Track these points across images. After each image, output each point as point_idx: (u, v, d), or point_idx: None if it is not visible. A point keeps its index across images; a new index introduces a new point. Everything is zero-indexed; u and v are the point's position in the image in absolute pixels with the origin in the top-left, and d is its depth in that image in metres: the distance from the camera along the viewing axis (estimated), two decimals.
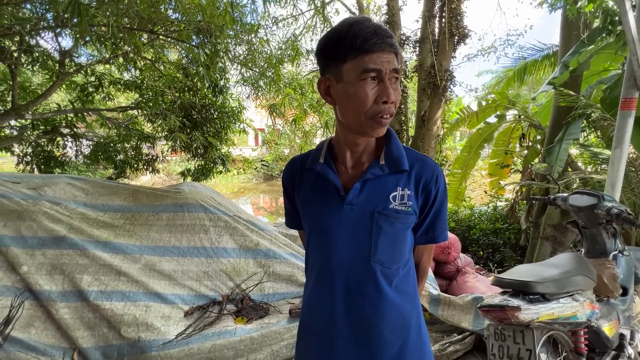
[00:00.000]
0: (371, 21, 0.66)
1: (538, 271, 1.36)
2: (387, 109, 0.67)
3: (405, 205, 0.75)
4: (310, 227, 0.82)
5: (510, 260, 3.80)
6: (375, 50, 0.64)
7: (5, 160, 11.87)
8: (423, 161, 0.78)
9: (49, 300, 1.83)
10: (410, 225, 0.77)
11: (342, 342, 0.76)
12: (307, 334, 0.84)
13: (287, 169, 0.89)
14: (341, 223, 0.76)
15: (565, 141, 3.09)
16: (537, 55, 5.23)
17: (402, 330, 0.76)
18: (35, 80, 5.34)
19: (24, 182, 2.19)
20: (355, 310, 0.75)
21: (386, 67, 0.65)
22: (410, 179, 0.76)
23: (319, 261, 0.80)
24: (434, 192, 0.77)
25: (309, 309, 0.84)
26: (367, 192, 0.75)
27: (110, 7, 2.41)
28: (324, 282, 0.79)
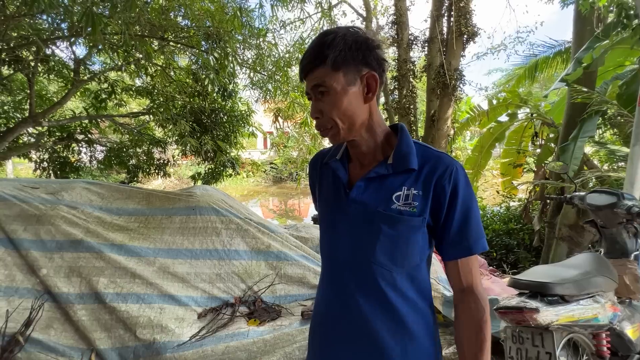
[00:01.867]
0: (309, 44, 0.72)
1: (556, 272, 1.33)
2: (316, 125, 0.74)
3: (410, 205, 0.70)
4: (321, 222, 0.84)
5: (524, 262, 3.72)
6: (302, 79, 0.73)
7: (23, 167, 12.24)
8: (437, 158, 0.73)
9: (67, 302, 1.87)
10: (415, 228, 0.71)
11: (342, 342, 0.76)
12: (313, 331, 0.85)
13: (311, 161, 0.92)
14: (345, 221, 0.76)
15: (580, 139, 3.02)
16: (548, 52, 5.14)
17: (404, 337, 0.72)
18: (51, 89, 5.50)
19: (43, 187, 2.25)
20: (356, 311, 0.74)
21: (308, 88, 0.72)
22: (419, 178, 0.71)
23: (326, 258, 0.82)
24: (449, 190, 0.70)
25: (316, 307, 0.85)
26: (370, 191, 0.74)
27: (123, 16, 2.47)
28: (328, 279, 0.80)
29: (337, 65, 0.68)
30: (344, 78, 0.69)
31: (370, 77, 0.71)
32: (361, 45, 0.69)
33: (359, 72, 0.70)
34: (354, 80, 0.70)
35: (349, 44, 0.68)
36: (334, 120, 0.71)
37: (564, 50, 4.92)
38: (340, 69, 0.69)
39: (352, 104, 0.71)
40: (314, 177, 0.90)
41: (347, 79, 0.69)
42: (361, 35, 0.70)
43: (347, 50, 0.68)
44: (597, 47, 2.55)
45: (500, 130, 4.55)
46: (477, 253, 0.72)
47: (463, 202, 0.71)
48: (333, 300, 0.78)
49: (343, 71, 0.69)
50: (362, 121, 0.73)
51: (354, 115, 0.71)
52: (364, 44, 0.70)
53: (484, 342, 0.70)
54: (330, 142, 0.77)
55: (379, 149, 0.77)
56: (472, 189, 0.73)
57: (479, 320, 0.70)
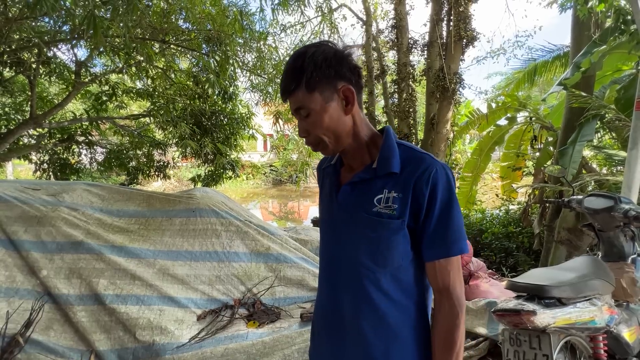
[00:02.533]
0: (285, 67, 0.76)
1: (554, 275, 1.34)
2: (305, 142, 0.79)
3: (389, 208, 0.71)
4: (320, 224, 0.90)
5: (523, 265, 3.73)
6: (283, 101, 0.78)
7: (23, 168, 12.25)
8: (419, 159, 0.73)
9: (67, 303, 1.88)
10: (395, 230, 0.71)
11: (331, 337, 0.81)
12: (312, 326, 0.91)
13: (319, 163, 0.98)
14: (333, 223, 0.81)
15: (578, 143, 3.04)
16: (547, 56, 5.17)
17: (388, 336, 0.74)
18: (52, 91, 5.53)
19: (44, 189, 2.26)
20: (344, 309, 0.78)
21: (292, 110, 0.76)
22: (399, 181, 0.72)
23: (321, 258, 0.88)
24: (427, 191, 0.69)
25: (316, 303, 0.90)
26: (355, 194, 0.77)
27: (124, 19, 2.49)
28: (324, 278, 0.85)
29: (311, 87, 0.71)
30: (320, 97, 0.72)
31: (346, 89, 0.73)
32: (331, 61, 0.71)
33: (334, 87, 0.73)
34: (331, 95, 0.73)
35: (319, 63, 0.70)
36: (319, 137, 0.75)
37: (562, 54, 4.96)
38: (315, 89, 0.71)
39: (334, 118, 0.74)
40: (319, 176, 0.95)
41: (324, 97, 0.72)
42: (330, 50, 0.73)
43: (318, 70, 0.70)
44: (595, 51, 2.57)
45: (500, 133, 4.57)
46: (455, 255, 0.71)
47: (442, 204, 0.70)
48: (326, 296, 0.83)
49: (318, 91, 0.72)
50: (347, 131, 0.76)
51: (337, 129, 0.75)
52: (334, 58, 0.72)
53: (453, 345, 0.71)
54: (323, 155, 0.83)
55: (367, 153, 0.79)
56: (454, 190, 0.72)
57: (451, 322, 0.71)
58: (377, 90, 5.14)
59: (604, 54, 2.63)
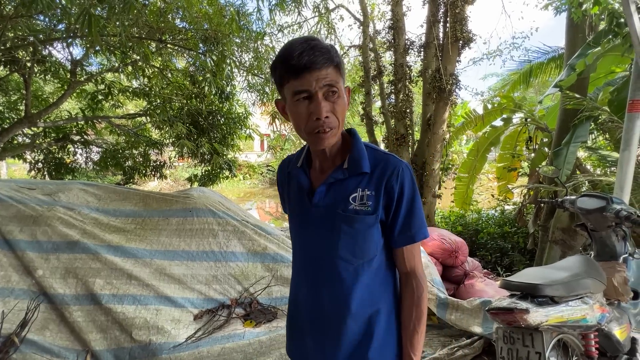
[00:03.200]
0: (305, 42, 0.69)
1: (547, 274, 1.36)
2: (321, 124, 0.72)
3: (364, 205, 0.78)
4: (290, 225, 0.93)
5: (519, 264, 3.76)
6: (303, 72, 0.69)
7: (17, 168, 12.12)
8: (385, 160, 0.80)
9: (63, 303, 1.87)
10: (371, 224, 0.78)
11: (309, 330, 0.85)
12: (288, 320, 0.95)
13: (280, 166, 0.99)
14: (310, 223, 0.84)
15: (572, 144, 3.07)
16: (542, 58, 5.22)
17: (365, 323, 0.80)
18: (47, 89, 5.48)
19: (39, 188, 2.25)
20: (324, 300, 0.82)
21: (315, 86, 0.69)
22: (371, 180, 0.79)
23: (296, 257, 0.91)
24: (397, 187, 0.78)
25: (291, 298, 0.95)
26: (330, 194, 0.81)
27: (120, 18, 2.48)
28: (299, 277, 0.89)
29: (342, 73, 0.75)
30: (343, 85, 0.76)
31: (348, 90, 0.79)
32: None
33: (344, 83, 0.78)
34: (344, 89, 0.77)
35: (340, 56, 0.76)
36: (339, 123, 0.76)
37: (557, 56, 5.01)
38: (342, 77, 0.75)
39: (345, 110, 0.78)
40: (283, 182, 0.97)
41: (343, 87, 0.76)
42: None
43: (342, 61, 0.75)
44: (590, 53, 2.61)
45: (495, 134, 4.61)
46: (419, 240, 0.82)
47: (408, 198, 0.79)
48: (304, 292, 0.87)
49: (342, 80, 0.75)
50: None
51: (343, 122, 0.79)
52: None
53: (421, 315, 0.81)
54: (321, 145, 0.76)
55: (339, 154, 0.84)
56: (416, 185, 0.82)
57: (419, 296, 0.82)
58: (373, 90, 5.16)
59: (598, 56, 2.67)
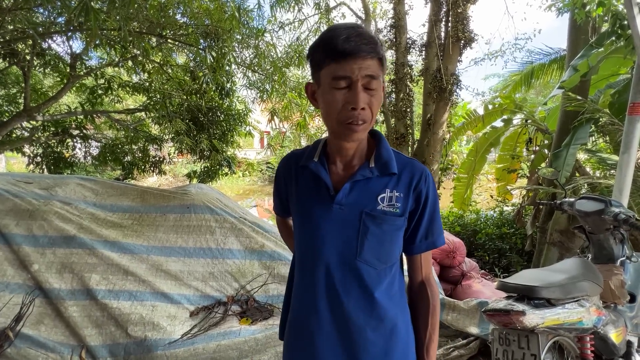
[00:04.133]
0: (352, 28, 0.66)
1: (543, 276, 1.36)
2: (356, 116, 0.68)
3: (393, 206, 0.75)
4: (301, 223, 0.83)
5: (516, 266, 3.76)
6: (346, 57, 0.65)
7: (16, 161, 12.10)
8: (411, 164, 0.79)
9: (58, 298, 1.86)
10: (398, 227, 0.76)
11: (324, 340, 0.78)
12: (291, 327, 0.86)
13: (284, 161, 0.91)
14: (330, 222, 0.78)
15: (572, 146, 3.07)
16: (544, 59, 5.20)
17: (387, 332, 0.76)
18: (46, 83, 5.46)
19: (36, 182, 2.24)
20: (339, 308, 0.76)
21: (357, 74, 0.66)
22: (399, 182, 0.77)
23: (307, 257, 0.82)
24: (425, 192, 0.77)
25: (294, 303, 0.86)
26: (356, 193, 0.77)
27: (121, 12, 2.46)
28: (310, 279, 0.80)
29: (384, 68, 0.72)
30: (382, 80, 0.72)
31: (384, 86, 0.76)
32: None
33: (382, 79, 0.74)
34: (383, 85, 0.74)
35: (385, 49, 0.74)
36: (372, 117, 0.71)
37: (559, 57, 4.99)
38: (383, 72, 0.72)
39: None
40: (288, 178, 0.88)
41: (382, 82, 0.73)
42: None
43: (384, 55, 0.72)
44: (593, 54, 2.59)
45: (495, 135, 4.59)
46: (438, 247, 0.81)
47: (432, 203, 0.79)
48: (317, 297, 0.79)
49: (383, 75, 0.72)
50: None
51: (375, 118, 0.75)
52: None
53: (436, 323, 0.80)
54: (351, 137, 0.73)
55: (363, 152, 0.80)
56: (436, 191, 0.83)
57: (434, 305, 0.80)
58: None
59: (601, 58, 2.65)
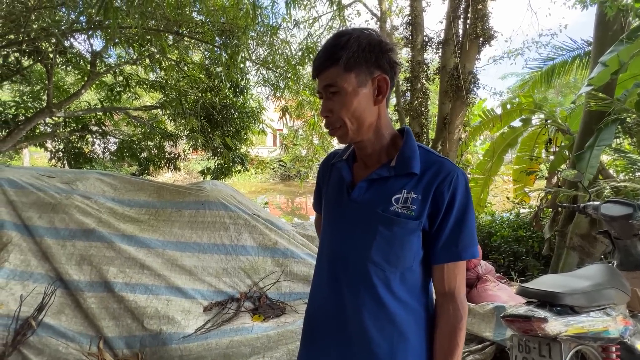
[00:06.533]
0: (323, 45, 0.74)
1: (566, 282, 1.31)
2: (325, 123, 0.76)
3: (407, 209, 0.72)
4: (323, 219, 0.88)
5: (533, 270, 3.66)
6: (315, 77, 0.75)
7: (39, 156, 12.56)
8: (440, 163, 0.74)
9: (78, 289, 1.92)
10: (411, 230, 0.72)
11: (331, 335, 0.78)
12: (306, 323, 0.87)
13: (324, 159, 0.96)
14: (345, 219, 0.78)
15: (596, 147, 2.95)
16: (566, 55, 5.01)
17: (393, 336, 0.73)
18: (68, 80, 5.62)
19: (58, 177, 2.31)
20: (348, 306, 0.76)
21: (321, 87, 0.74)
22: (420, 183, 0.72)
23: (324, 254, 0.84)
24: (448, 196, 0.71)
25: (310, 300, 0.88)
26: (371, 192, 0.76)
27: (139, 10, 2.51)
28: (325, 274, 0.82)
29: (349, 67, 0.70)
30: (355, 79, 0.71)
31: (381, 79, 0.72)
32: (374, 48, 0.71)
33: (370, 74, 0.72)
34: (365, 81, 0.72)
35: (363, 45, 0.70)
36: (342, 120, 0.73)
37: (583, 54, 4.80)
38: (352, 70, 0.70)
39: (362, 105, 0.72)
40: (324, 176, 0.92)
41: (359, 80, 0.71)
42: (375, 38, 0.72)
43: (360, 52, 0.70)
44: (623, 50, 2.46)
45: (513, 135, 4.47)
46: (466, 259, 0.73)
47: (459, 209, 0.72)
48: (327, 294, 0.80)
49: (355, 72, 0.70)
50: (370, 123, 0.75)
51: (362, 116, 0.73)
52: (377, 46, 0.71)
53: (455, 348, 0.72)
54: (338, 141, 0.79)
55: (384, 151, 0.79)
56: (470, 196, 0.74)
57: (455, 326, 0.72)
58: None
59: (632, 55, 2.52)
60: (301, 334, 0.89)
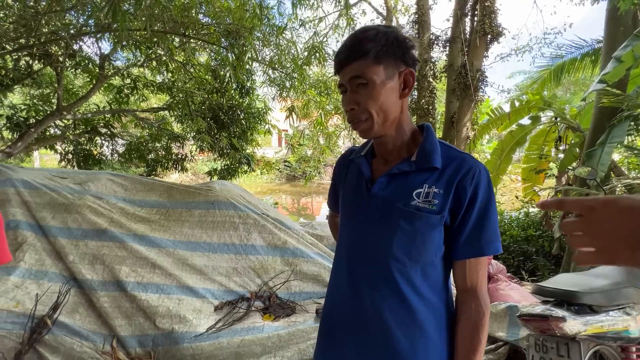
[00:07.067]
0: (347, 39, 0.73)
1: (584, 281, 1.29)
2: (350, 116, 0.75)
3: (429, 203, 0.71)
4: (342, 215, 0.87)
5: (543, 269, 3.62)
6: (338, 70, 0.74)
7: (49, 158, 12.74)
8: (461, 158, 0.74)
9: (91, 289, 1.94)
10: (433, 225, 0.72)
11: (351, 330, 0.78)
12: (324, 318, 0.87)
13: (341, 156, 0.95)
14: (366, 215, 0.78)
15: (608, 144, 2.90)
16: (576, 53, 4.94)
17: (415, 333, 0.73)
18: (77, 83, 5.70)
19: (71, 178, 2.34)
20: (368, 302, 0.75)
21: (346, 80, 0.73)
22: (441, 177, 0.72)
23: (343, 249, 0.83)
24: (470, 190, 0.71)
25: (329, 295, 0.87)
26: (392, 186, 0.76)
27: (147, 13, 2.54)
28: (344, 270, 0.82)
29: (379, 59, 0.70)
30: (384, 71, 0.71)
31: (408, 73, 0.73)
32: (401, 43, 0.72)
33: (397, 67, 0.72)
34: (392, 75, 0.72)
35: (391, 39, 0.71)
36: (369, 112, 0.73)
37: (592, 51, 4.73)
38: (381, 62, 0.71)
39: (389, 98, 0.72)
40: (341, 173, 0.92)
41: (387, 73, 0.71)
42: (400, 34, 0.73)
43: (389, 46, 0.70)
44: (638, 44, 2.41)
45: (522, 133, 4.41)
46: (488, 255, 0.73)
47: (482, 204, 0.72)
48: (346, 290, 0.80)
49: (384, 65, 0.71)
50: (394, 117, 0.75)
51: (388, 110, 0.73)
52: (404, 42, 0.72)
53: (478, 345, 0.71)
54: (361, 136, 0.78)
55: (405, 146, 0.79)
56: (493, 191, 0.73)
57: (477, 322, 0.71)
58: None
59: None
60: (318, 330, 0.89)
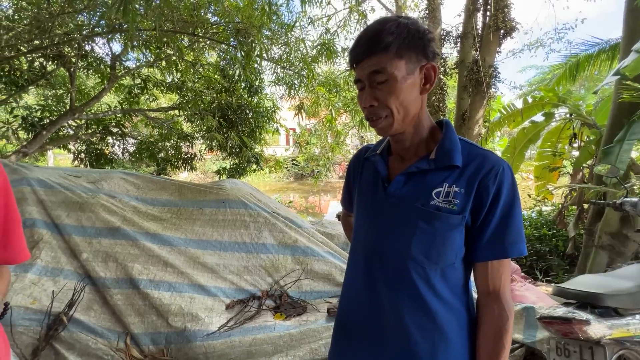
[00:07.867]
0: (362, 32, 0.70)
1: (608, 283, 1.24)
2: (368, 113, 0.71)
3: (449, 203, 0.68)
4: (357, 215, 0.84)
5: (557, 269, 3.54)
6: (354, 64, 0.71)
7: (62, 157, 13.01)
8: (483, 156, 0.70)
9: (104, 286, 1.96)
10: (454, 225, 0.69)
11: (369, 332, 0.76)
12: (339, 320, 0.85)
13: (355, 155, 0.92)
14: (382, 214, 0.75)
15: (627, 141, 2.81)
16: (591, 50, 4.81)
17: (434, 333, 0.70)
18: (89, 83, 5.79)
19: (84, 176, 2.37)
20: (386, 303, 0.73)
21: (362, 75, 0.70)
22: (462, 176, 0.69)
23: (360, 249, 0.81)
24: (493, 189, 0.67)
25: (344, 296, 0.85)
26: (410, 186, 0.73)
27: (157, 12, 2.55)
28: (360, 270, 0.79)
29: (400, 53, 0.67)
30: (405, 66, 0.67)
31: (430, 67, 0.69)
32: (423, 35, 0.68)
33: (419, 62, 0.69)
34: (414, 69, 0.69)
35: (412, 32, 0.67)
36: (390, 109, 0.69)
37: (608, 48, 4.60)
38: (403, 56, 0.67)
39: (410, 94, 0.69)
40: (355, 171, 0.90)
41: (408, 68, 0.68)
42: (421, 26, 0.69)
43: (411, 39, 0.67)
44: None
45: (535, 130, 4.32)
46: (512, 256, 0.69)
47: (505, 204, 0.68)
48: (362, 291, 0.78)
49: (405, 59, 0.67)
50: (415, 113, 0.72)
51: (409, 106, 0.70)
52: (424, 34, 0.68)
53: (502, 350, 0.68)
54: (379, 133, 0.75)
55: (423, 144, 0.75)
56: (517, 190, 0.70)
57: (501, 327, 0.68)
58: None
59: None
60: (333, 330, 0.87)
